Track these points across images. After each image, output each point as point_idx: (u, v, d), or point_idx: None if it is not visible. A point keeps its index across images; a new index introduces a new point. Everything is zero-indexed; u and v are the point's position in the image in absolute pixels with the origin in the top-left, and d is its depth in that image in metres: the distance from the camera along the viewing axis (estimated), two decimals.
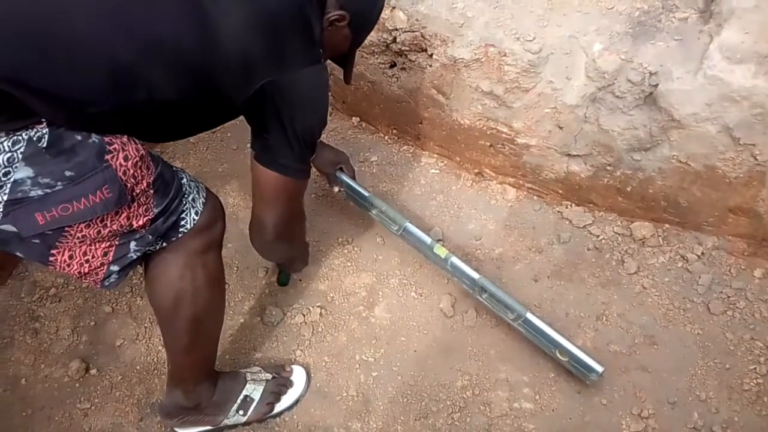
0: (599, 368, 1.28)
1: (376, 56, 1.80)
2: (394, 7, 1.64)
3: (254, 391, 1.38)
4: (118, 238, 0.99)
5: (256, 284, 1.69)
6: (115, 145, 0.91)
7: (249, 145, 1.13)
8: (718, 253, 1.53)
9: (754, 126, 1.26)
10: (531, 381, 1.42)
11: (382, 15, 1.66)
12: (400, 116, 1.93)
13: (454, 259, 1.46)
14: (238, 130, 2.05)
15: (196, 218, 1.08)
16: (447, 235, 1.74)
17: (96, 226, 0.94)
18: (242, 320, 1.61)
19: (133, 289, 1.68)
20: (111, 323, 1.62)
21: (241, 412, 1.36)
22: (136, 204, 0.97)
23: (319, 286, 1.67)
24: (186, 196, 1.08)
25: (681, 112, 1.33)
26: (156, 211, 1.01)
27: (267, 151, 1.09)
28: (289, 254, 1.51)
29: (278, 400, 1.41)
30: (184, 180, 1.10)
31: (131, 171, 0.93)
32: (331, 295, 1.64)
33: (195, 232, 1.09)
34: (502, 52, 1.50)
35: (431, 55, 1.65)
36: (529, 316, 1.35)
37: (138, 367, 1.54)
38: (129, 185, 0.94)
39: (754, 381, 1.32)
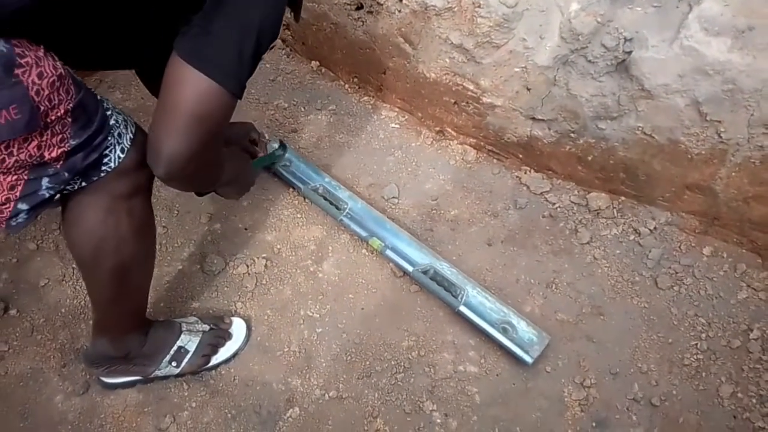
0: (528, 359, 1.32)
1: None
2: None
3: (189, 342, 1.31)
4: (27, 171, 0.85)
5: (197, 230, 1.59)
6: (28, 59, 0.75)
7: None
8: (670, 228, 1.53)
9: (723, 102, 1.24)
10: (477, 345, 1.40)
11: None
12: (362, 64, 1.83)
13: (389, 252, 1.50)
14: None
15: (122, 156, 0.95)
16: (403, 193, 1.68)
17: None
18: (180, 267, 1.52)
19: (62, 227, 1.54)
20: (35, 261, 1.50)
21: (174, 364, 1.29)
22: (49, 132, 0.82)
23: (266, 236, 1.59)
24: (112, 131, 0.93)
25: (652, 81, 1.29)
26: (73, 143, 0.87)
27: (200, 45, 0.84)
28: (211, 183, 1.21)
29: (215, 352, 1.34)
30: (110, 112, 0.95)
31: (46, 92, 0.79)
32: (278, 246, 1.57)
33: (120, 173, 0.96)
34: (476, 3, 1.41)
35: None
36: (462, 309, 1.39)
37: (63, 310, 1.43)
38: (42, 108, 0.79)
39: (695, 356, 1.34)
